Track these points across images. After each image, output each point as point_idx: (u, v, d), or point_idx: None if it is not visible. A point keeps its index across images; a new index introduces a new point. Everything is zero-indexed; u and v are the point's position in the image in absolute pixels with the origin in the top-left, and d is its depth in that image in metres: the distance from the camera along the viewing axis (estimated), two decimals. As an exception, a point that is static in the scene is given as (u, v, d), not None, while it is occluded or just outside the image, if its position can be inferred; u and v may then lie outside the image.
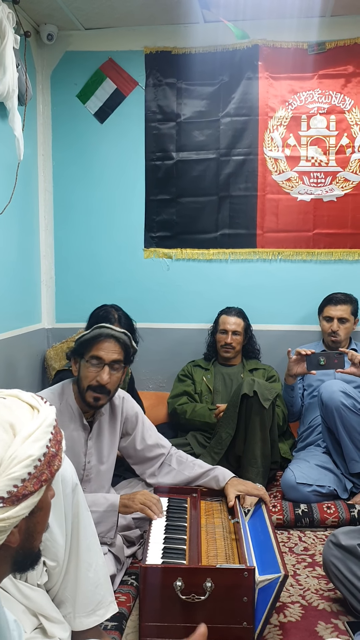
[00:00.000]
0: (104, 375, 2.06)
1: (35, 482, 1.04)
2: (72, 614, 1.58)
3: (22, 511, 1.02)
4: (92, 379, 2.07)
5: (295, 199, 3.52)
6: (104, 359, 2.07)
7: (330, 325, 3.22)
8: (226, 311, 3.39)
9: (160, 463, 2.31)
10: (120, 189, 3.66)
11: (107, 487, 2.25)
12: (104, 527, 2.01)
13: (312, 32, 3.39)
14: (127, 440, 2.29)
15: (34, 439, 1.05)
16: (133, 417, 2.29)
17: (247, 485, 2.23)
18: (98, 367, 2.07)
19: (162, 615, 1.71)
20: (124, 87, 3.59)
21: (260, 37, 3.44)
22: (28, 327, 3.44)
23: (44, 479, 1.05)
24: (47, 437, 1.08)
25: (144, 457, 2.31)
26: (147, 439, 2.30)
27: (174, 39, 3.51)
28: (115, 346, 2.10)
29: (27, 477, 1.03)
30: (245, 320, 3.36)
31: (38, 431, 1.07)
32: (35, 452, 1.04)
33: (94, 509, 1.94)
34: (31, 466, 1.03)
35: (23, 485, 1.02)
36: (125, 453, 2.33)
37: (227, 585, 1.69)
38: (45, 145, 3.66)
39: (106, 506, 2.03)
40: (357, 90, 3.43)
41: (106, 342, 2.09)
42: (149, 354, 3.63)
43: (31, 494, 1.03)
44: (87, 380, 2.08)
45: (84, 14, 3.34)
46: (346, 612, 1.91)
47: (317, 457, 2.89)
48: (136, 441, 2.29)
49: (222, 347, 3.32)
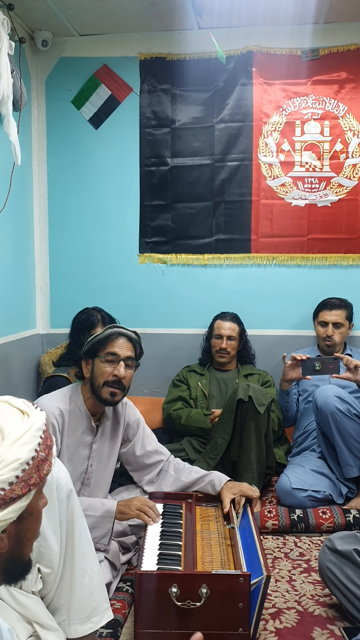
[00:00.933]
0: (120, 369, 2.13)
1: (23, 485, 1.03)
2: (66, 621, 1.57)
3: (10, 515, 1.02)
4: (108, 374, 2.13)
5: (289, 204, 3.53)
6: (119, 354, 2.15)
7: (325, 330, 3.22)
8: (221, 316, 3.39)
9: (159, 470, 2.34)
10: (115, 195, 3.66)
11: (105, 492, 2.26)
12: (99, 532, 2.00)
13: (305, 39, 3.41)
14: (127, 446, 2.32)
15: (22, 442, 1.05)
16: (134, 423, 2.33)
17: (242, 487, 2.25)
18: (114, 363, 2.14)
19: (157, 621, 1.71)
20: (118, 93, 3.60)
21: (255, 44, 3.46)
22: (23, 333, 3.43)
23: (32, 482, 1.05)
24: (36, 441, 1.07)
25: (142, 463, 2.33)
26: (147, 446, 2.33)
27: (168, 45, 3.53)
28: (128, 343, 2.18)
29: (15, 480, 1.02)
30: (240, 325, 3.36)
31: (27, 435, 1.07)
32: (24, 456, 1.04)
33: (90, 514, 1.94)
34: (19, 469, 1.03)
35: (10, 489, 1.01)
36: (125, 459, 2.36)
37: (223, 591, 1.68)
38: (40, 151, 3.66)
39: (102, 511, 2.03)
40: (350, 96, 3.45)
41: (120, 340, 2.17)
42: (143, 359, 3.56)
43: (19, 498, 1.03)
44: (103, 376, 2.13)
45: (79, 20, 3.35)
46: (342, 617, 1.90)
47: (312, 462, 2.89)
48: (136, 447, 2.32)
49: (217, 352, 3.32)
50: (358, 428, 2.76)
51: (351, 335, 3.38)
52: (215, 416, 3.03)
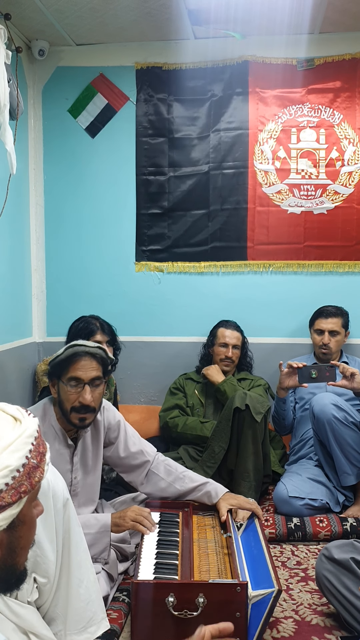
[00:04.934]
0: (86, 395, 2.01)
1: (14, 493, 1.02)
2: (63, 631, 1.56)
3: (0, 522, 1.01)
4: (74, 400, 2.02)
5: (285, 212, 3.54)
6: (83, 378, 2.03)
7: (321, 338, 3.23)
8: (224, 324, 3.38)
9: (147, 471, 2.28)
10: (111, 203, 3.67)
11: (95, 500, 2.23)
12: (98, 548, 1.98)
13: (301, 49, 3.44)
14: (111, 449, 2.27)
15: (12, 449, 1.04)
16: (115, 425, 2.27)
17: (239, 499, 2.22)
18: (78, 388, 2.03)
19: (154, 631, 1.70)
20: (115, 102, 3.61)
21: (250, 53, 3.48)
22: (19, 341, 3.43)
23: (23, 490, 1.04)
24: (27, 448, 1.06)
25: (129, 465, 2.28)
26: (130, 447, 2.27)
27: (164, 54, 3.55)
28: (92, 363, 2.05)
29: (4, 487, 1.01)
30: (242, 334, 3.36)
31: (17, 442, 1.05)
32: (14, 463, 1.03)
33: (86, 531, 1.90)
34: (9, 477, 1.02)
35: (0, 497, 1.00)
36: (112, 462, 2.31)
37: (220, 601, 1.67)
38: (36, 160, 3.67)
39: (98, 527, 2.00)
40: (345, 105, 3.47)
41: (82, 361, 2.03)
42: (140, 368, 3.64)
43: (9, 506, 1.02)
44: (69, 402, 2.03)
45: (75, 30, 3.37)
46: (340, 627, 1.89)
47: (309, 471, 2.88)
48: (119, 449, 2.26)
49: (221, 361, 3.31)
50: (355, 436, 2.76)
51: (347, 343, 3.38)
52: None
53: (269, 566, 1.82)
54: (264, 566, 1.84)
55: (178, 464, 2.35)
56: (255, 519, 2.19)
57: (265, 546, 1.95)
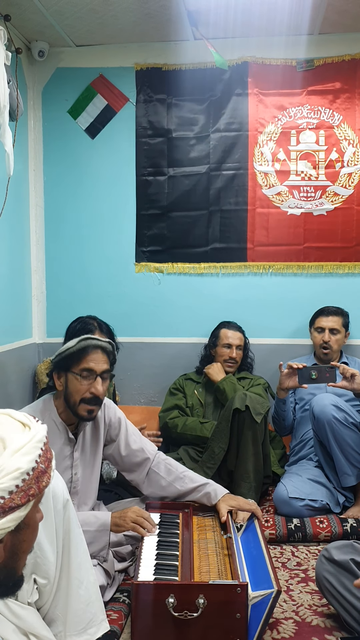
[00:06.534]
0: (98, 386, 2.06)
1: (23, 495, 1.04)
2: (63, 632, 1.56)
3: (8, 524, 1.02)
4: (84, 391, 2.05)
5: (285, 213, 3.55)
6: (95, 370, 2.07)
7: (321, 336, 3.23)
8: (226, 325, 3.38)
9: (147, 470, 2.29)
10: (111, 204, 3.67)
11: (94, 498, 2.23)
12: (96, 547, 1.98)
13: (300, 50, 3.44)
14: (112, 447, 2.27)
15: (23, 452, 1.06)
16: (116, 422, 2.27)
17: (239, 500, 2.22)
18: (90, 380, 2.06)
19: (154, 632, 1.69)
20: (114, 103, 3.62)
21: (250, 54, 3.48)
22: (19, 342, 3.43)
23: (31, 493, 1.05)
24: (37, 453, 1.08)
25: (130, 462, 2.29)
26: (131, 444, 2.27)
27: (164, 55, 3.55)
28: (103, 356, 2.10)
29: (15, 489, 1.02)
30: (244, 334, 3.36)
31: (28, 445, 1.07)
32: (24, 466, 1.04)
33: (85, 529, 1.91)
34: (19, 479, 1.03)
35: (10, 498, 1.01)
36: (112, 460, 2.32)
37: (220, 602, 1.67)
38: (36, 161, 3.67)
39: (97, 525, 2.00)
40: (345, 106, 3.47)
41: (94, 354, 2.08)
42: (140, 368, 3.64)
43: (18, 507, 1.03)
44: (79, 393, 2.06)
45: (75, 31, 3.37)
46: (340, 628, 1.89)
47: (309, 471, 2.88)
48: (120, 447, 2.27)
49: (225, 362, 3.30)
50: (355, 437, 2.76)
51: (347, 343, 3.38)
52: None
53: (269, 567, 1.82)
54: (264, 567, 1.84)
55: (179, 464, 2.35)
56: (255, 520, 2.19)
57: (264, 547, 1.95)
